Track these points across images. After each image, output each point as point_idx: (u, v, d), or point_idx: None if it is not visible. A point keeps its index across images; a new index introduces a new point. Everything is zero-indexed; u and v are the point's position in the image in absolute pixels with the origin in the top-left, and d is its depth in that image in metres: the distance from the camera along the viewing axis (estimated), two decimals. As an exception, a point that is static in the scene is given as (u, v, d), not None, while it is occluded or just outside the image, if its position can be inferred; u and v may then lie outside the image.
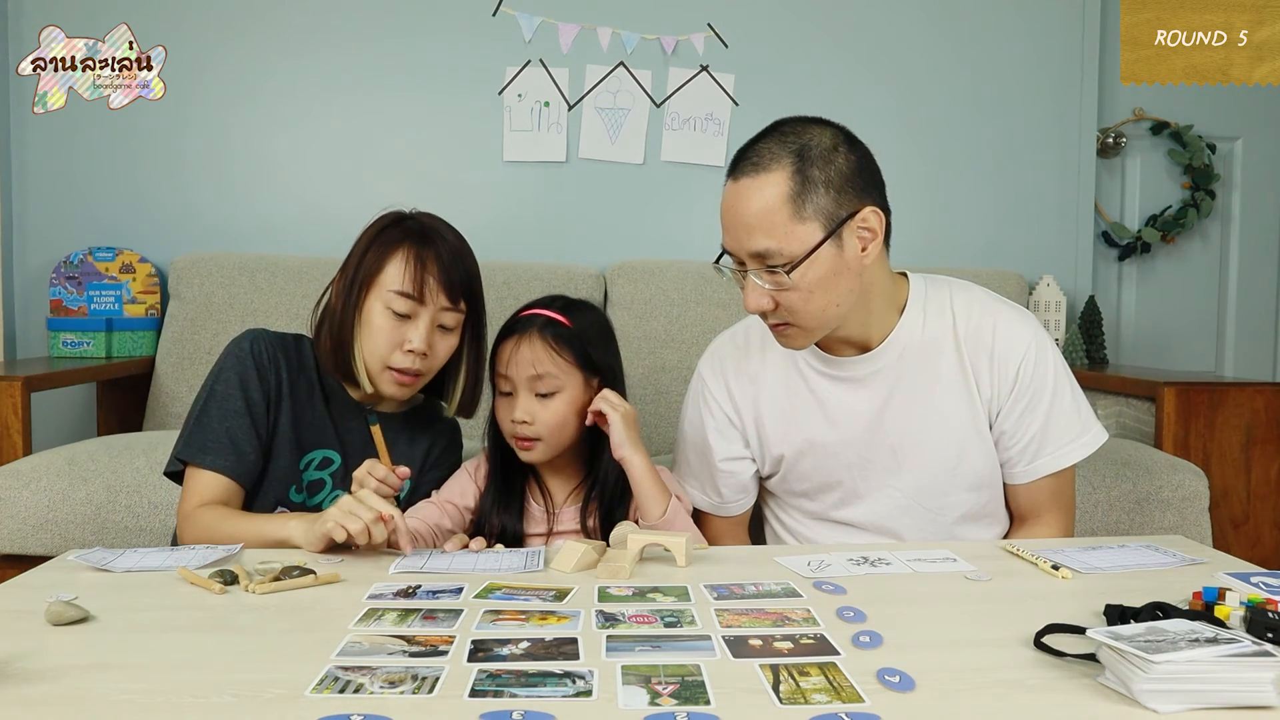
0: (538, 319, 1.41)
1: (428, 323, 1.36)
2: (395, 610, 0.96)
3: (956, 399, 1.35)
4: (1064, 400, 1.36)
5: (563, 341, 1.39)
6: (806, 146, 1.24)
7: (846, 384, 1.38)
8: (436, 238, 1.39)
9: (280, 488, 1.37)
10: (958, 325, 1.36)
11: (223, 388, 1.35)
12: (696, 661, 0.82)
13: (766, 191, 1.23)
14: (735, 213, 1.26)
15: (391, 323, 1.35)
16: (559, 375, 1.38)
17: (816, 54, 2.90)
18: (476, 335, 1.45)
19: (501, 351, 1.40)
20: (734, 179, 1.28)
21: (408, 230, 1.39)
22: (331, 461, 1.41)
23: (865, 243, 1.26)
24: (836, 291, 1.26)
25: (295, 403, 1.39)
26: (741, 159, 1.28)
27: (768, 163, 1.24)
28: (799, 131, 1.26)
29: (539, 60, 2.82)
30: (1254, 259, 3.23)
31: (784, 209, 1.22)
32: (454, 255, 1.39)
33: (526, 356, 1.37)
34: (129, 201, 2.74)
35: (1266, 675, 0.72)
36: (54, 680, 0.79)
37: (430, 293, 1.36)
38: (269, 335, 1.41)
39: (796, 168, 1.23)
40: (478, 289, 1.44)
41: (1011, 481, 1.40)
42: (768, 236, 1.23)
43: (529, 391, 1.38)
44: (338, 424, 1.42)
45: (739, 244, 1.26)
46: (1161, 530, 1.94)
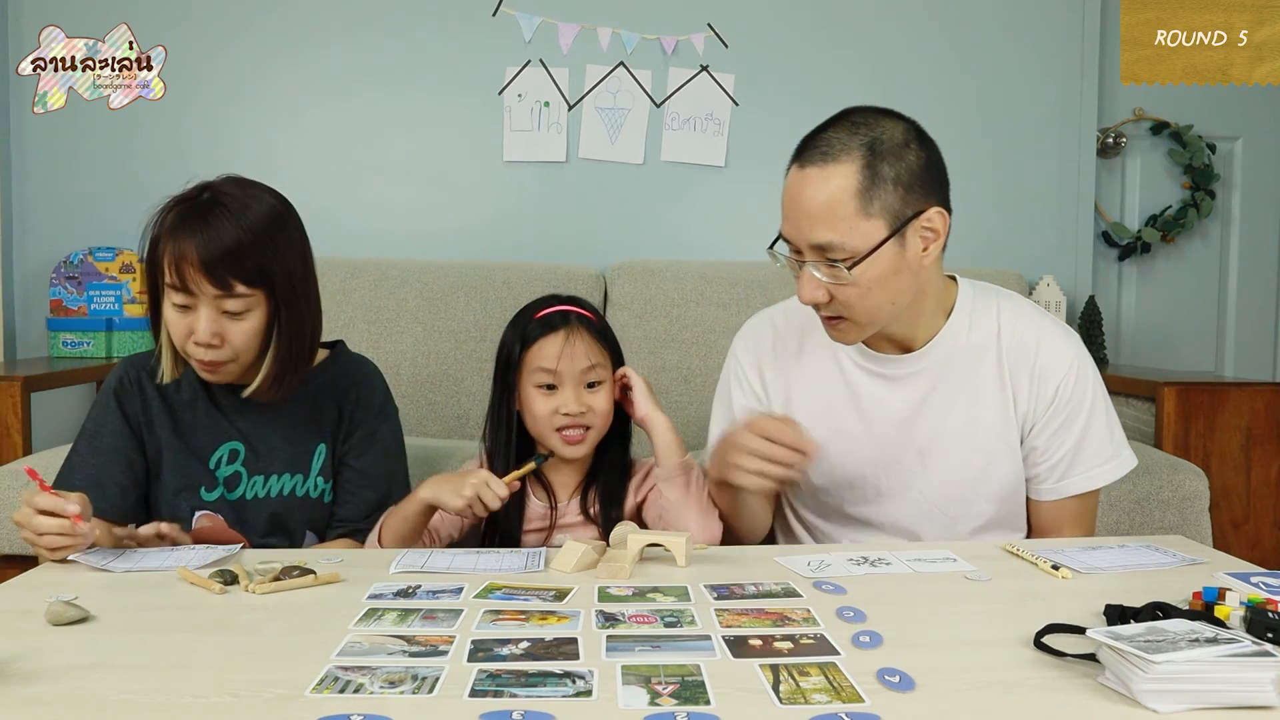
0: (572, 315, 1.43)
1: (209, 311, 1.27)
2: (395, 610, 0.96)
3: (991, 409, 1.34)
4: (1099, 422, 1.35)
5: (600, 334, 1.43)
6: (878, 140, 1.21)
7: (884, 380, 1.37)
8: (199, 223, 1.26)
9: (190, 494, 1.38)
10: (1002, 336, 1.35)
11: (91, 425, 1.40)
12: (696, 661, 0.82)
13: (834, 183, 1.20)
14: (799, 201, 1.23)
15: (177, 314, 1.29)
16: (605, 366, 1.42)
17: (816, 54, 2.90)
18: (293, 315, 1.34)
19: (544, 349, 1.40)
20: (800, 166, 1.24)
21: (180, 213, 1.29)
22: (238, 454, 1.41)
23: (927, 243, 1.25)
24: (894, 290, 1.25)
25: (173, 415, 1.40)
26: (809, 146, 1.24)
27: (837, 153, 1.21)
28: (870, 123, 1.23)
29: (539, 60, 2.82)
30: (1254, 259, 3.23)
31: (851, 203, 1.20)
32: (222, 240, 1.25)
33: (580, 350, 1.39)
34: (129, 201, 2.71)
35: (1266, 675, 0.72)
36: (54, 680, 0.79)
37: (194, 283, 1.26)
38: (134, 360, 1.43)
39: (867, 161, 1.20)
40: (272, 268, 1.30)
41: (1036, 498, 1.39)
42: (831, 229, 1.20)
43: (580, 384, 1.39)
44: (231, 417, 1.41)
45: (800, 233, 1.24)
46: (1161, 530, 1.93)
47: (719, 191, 2.89)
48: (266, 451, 1.40)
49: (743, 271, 2.61)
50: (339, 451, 1.44)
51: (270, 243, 1.30)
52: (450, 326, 2.49)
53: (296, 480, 1.41)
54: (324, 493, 1.43)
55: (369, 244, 2.76)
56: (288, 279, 1.32)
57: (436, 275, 2.55)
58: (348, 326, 2.42)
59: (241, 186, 1.34)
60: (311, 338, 1.39)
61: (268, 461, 1.40)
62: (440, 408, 2.44)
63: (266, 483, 1.40)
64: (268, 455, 1.40)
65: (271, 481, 1.40)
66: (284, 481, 1.40)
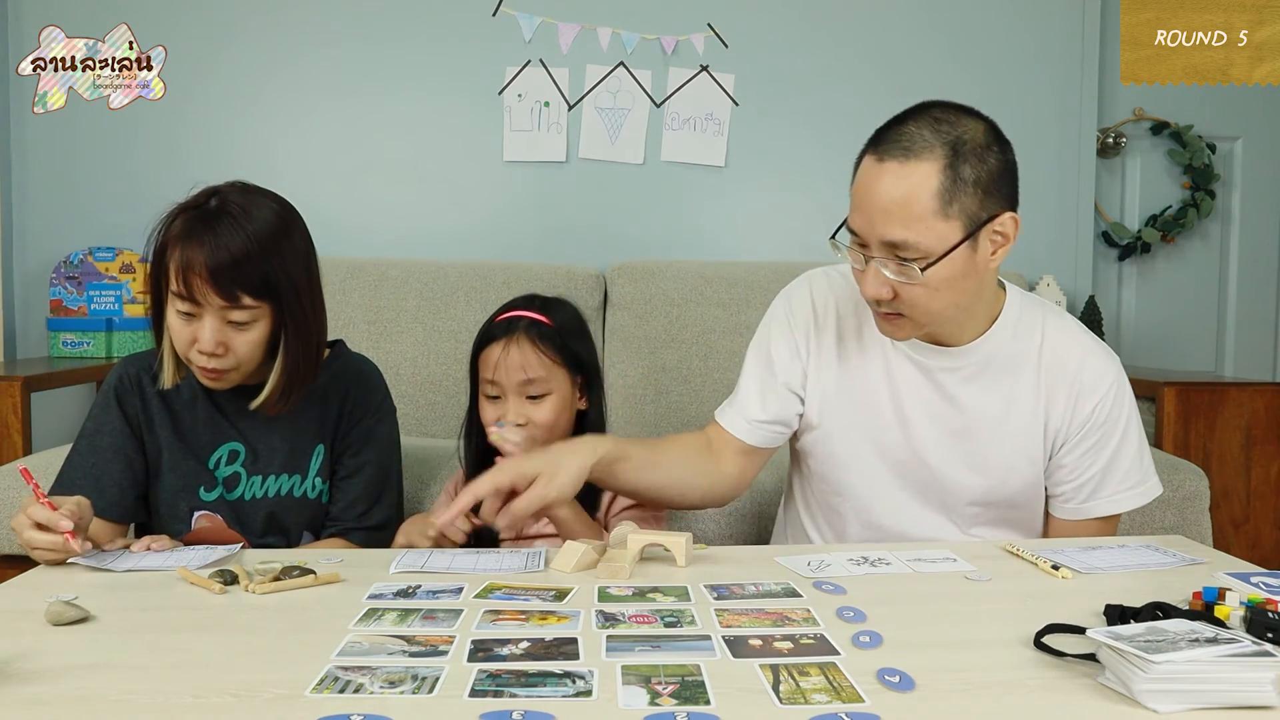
0: (520, 321, 1.39)
1: (213, 320, 1.27)
2: (395, 610, 0.96)
3: (1020, 420, 1.33)
4: (1130, 447, 1.34)
5: (548, 341, 1.38)
6: (961, 140, 1.18)
7: (920, 369, 1.35)
8: (208, 233, 1.25)
9: (189, 494, 1.38)
10: (1044, 349, 1.33)
11: (91, 424, 1.39)
12: (696, 661, 0.82)
13: (913, 180, 1.16)
14: (874, 196, 1.18)
15: (181, 321, 1.29)
16: (548, 377, 1.38)
17: (816, 54, 2.90)
18: (299, 327, 1.33)
19: (486, 357, 1.38)
20: (878, 159, 1.19)
21: (187, 221, 1.27)
22: (238, 454, 1.41)
23: (996, 247, 1.22)
24: (961, 292, 1.22)
25: (173, 415, 1.39)
26: (887, 139, 1.19)
27: (919, 150, 1.17)
28: (953, 121, 1.19)
29: (539, 60, 2.82)
30: (1254, 259, 3.23)
31: (930, 203, 1.16)
32: (230, 251, 1.25)
33: (516, 361, 1.36)
34: (129, 201, 2.74)
35: (1266, 675, 0.72)
36: (54, 680, 0.79)
37: (200, 293, 1.25)
38: (134, 359, 1.42)
39: (949, 162, 1.16)
40: (278, 281, 1.29)
41: (1059, 515, 1.38)
42: (906, 228, 1.16)
43: (519, 396, 1.37)
44: (231, 418, 1.41)
45: (871, 228, 1.19)
46: (1161, 530, 1.93)
47: (719, 191, 2.89)
48: (266, 452, 1.40)
49: (743, 271, 2.61)
50: (336, 449, 1.44)
51: (278, 255, 1.30)
52: (450, 326, 2.49)
53: (295, 480, 1.41)
54: (321, 493, 1.43)
55: (369, 244, 2.76)
56: (294, 291, 1.32)
57: (436, 275, 2.55)
58: (348, 326, 2.42)
59: (249, 194, 1.32)
60: (317, 349, 1.39)
61: (267, 462, 1.40)
62: (440, 408, 2.44)
63: (265, 483, 1.40)
64: (267, 456, 1.40)
65: (270, 482, 1.40)
66: (282, 481, 1.41)
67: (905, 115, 1.22)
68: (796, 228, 2.92)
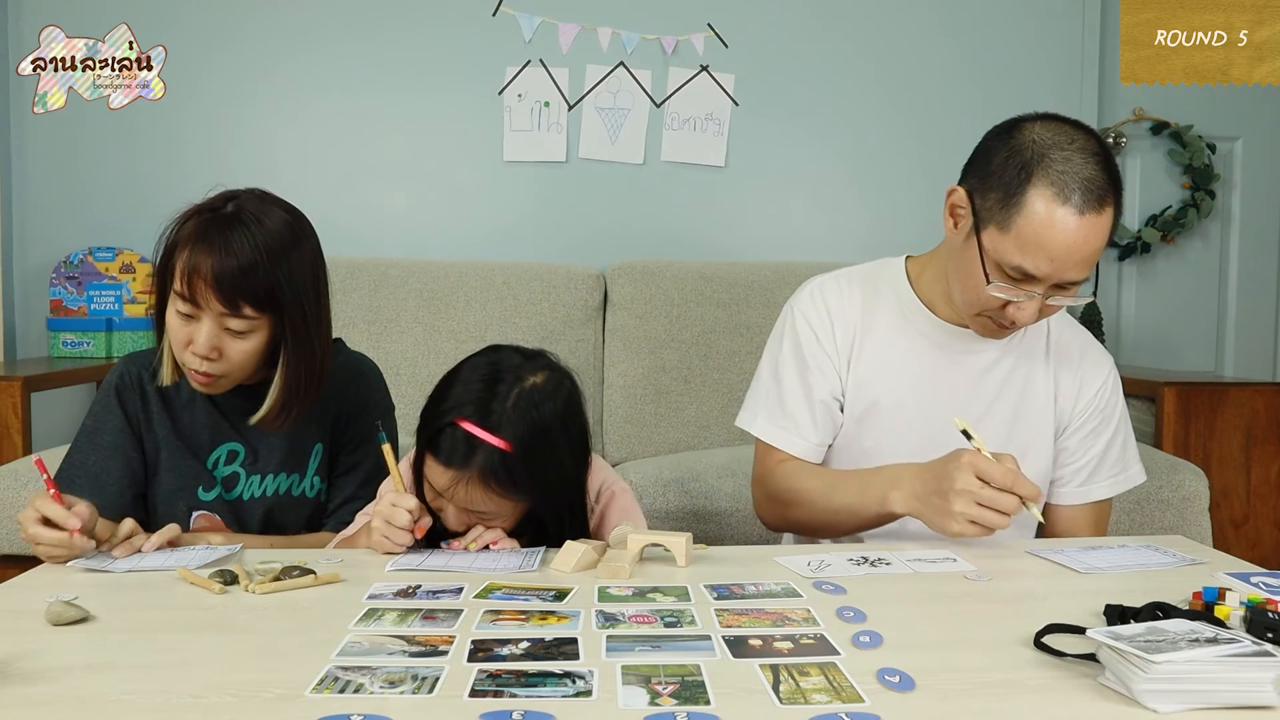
0: (477, 458, 1.15)
1: (211, 325, 1.26)
2: (395, 610, 0.96)
3: (1036, 402, 1.41)
4: (1123, 434, 1.44)
5: (507, 484, 1.16)
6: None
7: (944, 351, 1.40)
8: (219, 239, 1.24)
9: (187, 494, 1.38)
10: (1050, 336, 1.43)
11: (91, 422, 1.39)
12: (696, 661, 0.82)
13: (1104, 227, 1.22)
14: (1079, 250, 1.21)
15: (179, 322, 1.28)
16: (509, 513, 1.23)
17: (816, 54, 2.91)
18: (300, 342, 1.32)
19: (436, 471, 1.18)
20: (1080, 214, 1.20)
21: (200, 224, 1.27)
22: (237, 454, 1.41)
23: None
24: None
25: (172, 414, 1.39)
26: (1075, 187, 1.20)
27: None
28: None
29: (539, 60, 2.82)
30: (1254, 259, 3.23)
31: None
32: (237, 260, 1.24)
33: (474, 498, 1.18)
34: (129, 201, 2.74)
35: (1266, 675, 0.72)
36: (54, 680, 0.79)
37: (203, 298, 1.25)
38: (135, 358, 1.42)
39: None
40: (283, 294, 1.28)
41: (1058, 501, 1.44)
42: (1091, 267, 1.25)
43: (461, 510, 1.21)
44: (231, 418, 1.40)
45: (1062, 273, 1.23)
46: (1161, 530, 1.93)
47: (719, 191, 2.89)
48: (266, 451, 1.40)
49: (743, 271, 2.61)
50: (334, 446, 1.45)
51: (285, 268, 1.28)
52: (450, 326, 2.49)
53: (293, 480, 1.41)
54: (320, 491, 1.43)
55: (369, 244, 2.76)
56: (298, 305, 1.30)
57: (436, 275, 2.55)
58: (348, 326, 2.42)
59: (265, 204, 1.31)
60: (321, 367, 1.36)
61: (266, 461, 1.40)
62: (440, 408, 2.44)
63: (263, 482, 1.40)
64: (267, 455, 1.40)
65: (268, 481, 1.40)
66: (280, 480, 1.41)
67: (1086, 158, 1.21)
68: (796, 228, 2.92)
